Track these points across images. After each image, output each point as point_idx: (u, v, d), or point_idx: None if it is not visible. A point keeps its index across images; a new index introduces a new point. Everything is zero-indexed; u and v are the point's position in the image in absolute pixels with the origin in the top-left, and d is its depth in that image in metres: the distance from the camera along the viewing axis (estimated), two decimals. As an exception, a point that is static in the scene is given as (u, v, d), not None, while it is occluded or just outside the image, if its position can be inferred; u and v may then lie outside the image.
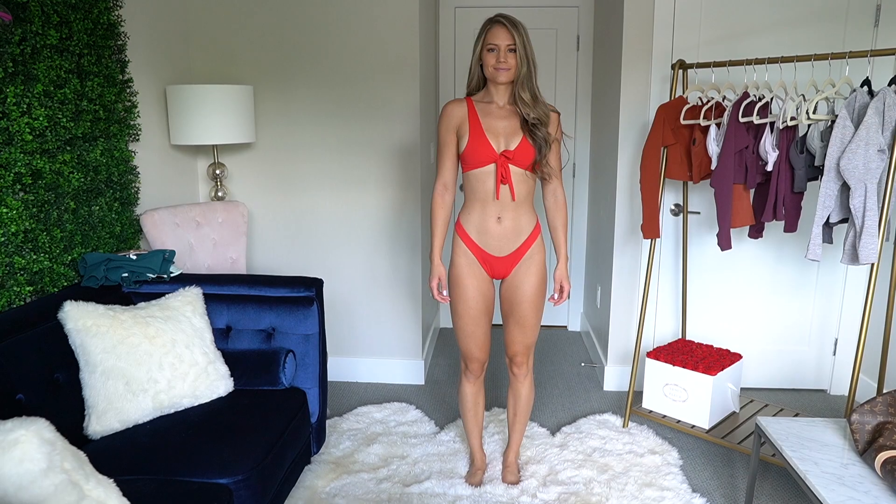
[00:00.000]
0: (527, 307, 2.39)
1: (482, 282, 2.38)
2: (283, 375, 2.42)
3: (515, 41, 2.18)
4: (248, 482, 1.90)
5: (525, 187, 2.32)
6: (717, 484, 2.63)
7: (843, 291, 3.37)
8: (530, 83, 2.24)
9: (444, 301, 2.45)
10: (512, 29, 2.18)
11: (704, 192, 3.29)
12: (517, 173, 2.28)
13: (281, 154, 3.44)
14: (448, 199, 2.41)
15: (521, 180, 2.29)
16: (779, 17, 3.12)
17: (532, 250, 2.37)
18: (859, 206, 2.29)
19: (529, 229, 2.36)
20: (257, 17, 3.31)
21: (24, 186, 2.16)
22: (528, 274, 2.37)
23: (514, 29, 2.19)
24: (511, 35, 2.18)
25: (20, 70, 2.13)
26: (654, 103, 3.22)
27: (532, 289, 2.38)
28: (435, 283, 2.42)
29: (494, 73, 2.22)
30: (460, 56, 4.22)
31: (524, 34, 2.21)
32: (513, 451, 2.65)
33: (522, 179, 2.30)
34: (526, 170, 2.29)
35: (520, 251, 2.35)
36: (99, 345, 2.05)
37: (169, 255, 2.59)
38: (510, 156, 2.25)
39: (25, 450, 1.36)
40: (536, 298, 2.40)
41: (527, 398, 2.57)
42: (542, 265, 2.39)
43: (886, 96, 2.24)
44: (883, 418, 1.97)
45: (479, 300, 2.38)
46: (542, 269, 2.39)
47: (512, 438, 2.64)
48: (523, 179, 2.30)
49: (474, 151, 2.26)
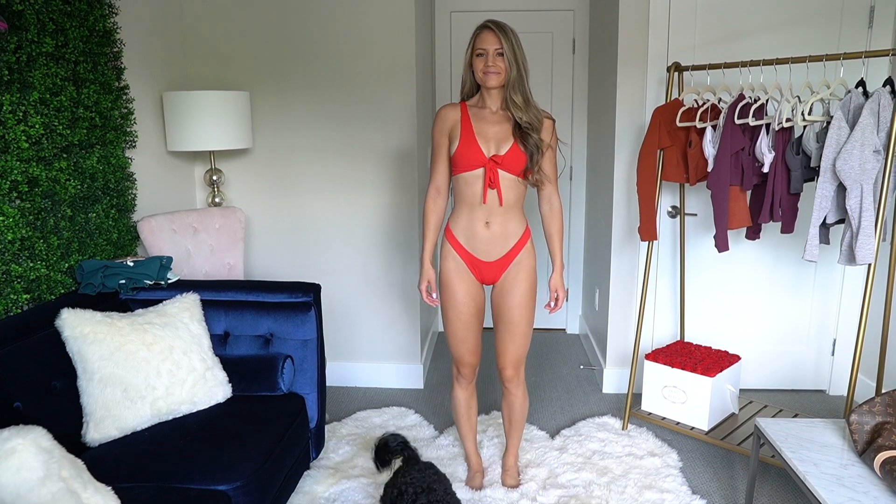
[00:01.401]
0: (516, 313, 2.37)
1: (471, 286, 2.38)
2: (281, 381, 2.42)
3: (503, 45, 2.19)
4: (246, 488, 1.90)
5: (514, 193, 2.30)
6: (717, 485, 2.63)
7: (840, 292, 3.37)
8: (521, 87, 2.24)
9: (434, 304, 2.46)
10: (500, 33, 2.19)
11: (701, 194, 3.29)
12: (507, 178, 2.27)
13: (278, 159, 3.44)
14: (441, 203, 2.42)
15: (510, 186, 2.28)
16: (773, 19, 3.13)
17: (521, 256, 2.35)
18: (855, 206, 2.29)
19: (518, 235, 2.35)
20: (253, 22, 3.31)
21: (20, 194, 2.16)
22: (518, 280, 2.36)
23: (502, 33, 2.19)
24: (499, 39, 2.19)
25: (16, 78, 2.13)
26: (650, 106, 3.23)
27: (521, 295, 2.36)
28: (424, 286, 2.42)
29: (484, 77, 2.23)
30: (456, 60, 4.23)
31: (513, 38, 2.21)
32: (511, 455, 2.64)
33: (512, 185, 2.29)
34: (517, 175, 2.29)
35: (508, 256, 2.34)
36: (96, 352, 2.05)
37: (166, 261, 2.58)
38: (499, 160, 2.25)
39: (23, 458, 1.36)
40: (525, 305, 2.37)
41: (521, 407, 2.55)
42: (531, 271, 2.37)
43: (881, 97, 2.25)
44: (882, 418, 1.97)
45: (469, 304, 2.38)
46: (531, 275, 2.37)
47: (510, 443, 2.63)
48: (513, 185, 2.29)
49: (464, 155, 2.26)
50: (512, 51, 2.20)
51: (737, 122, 2.61)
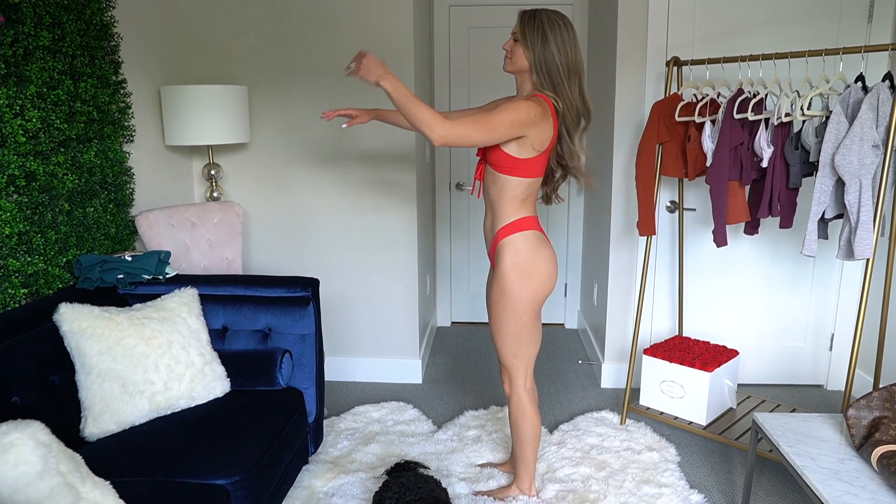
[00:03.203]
0: (490, 314, 2.31)
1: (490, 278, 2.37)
2: (279, 376, 2.42)
3: (520, 30, 2.10)
4: (245, 483, 1.90)
5: (495, 187, 2.20)
6: (715, 480, 2.63)
7: (838, 287, 3.38)
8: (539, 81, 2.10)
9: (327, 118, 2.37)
10: (522, 18, 2.10)
11: (700, 188, 3.29)
12: (490, 172, 2.22)
13: (276, 154, 3.44)
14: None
15: (491, 179, 2.22)
16: (773, 13, 3.12)
17: (497, 254, 2.23)
18: (854, 201, 2.29)
19: (495, 231, 2.25)
20: (251, 16, 3.30)
21: (17, 188, 2.15)
22: (493, 280, 2.27)
23: (527, 19, 2.09)
24: (518, 23, 2.11)
25: (13, 72, 2.12)
26: (649, 101, 3.22)
27: (493, 296, 2.27)
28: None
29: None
30: (455, 54, 4.22)
31: (541, 28, 2.06)
32: (509, 464, 2.66)
33: (493, 178, 2.20)
34: (495, 169, 2.18)
35: (491, 252, 2.31)
36: (95, 347, 2.05)
37: (164, 256, 2.58)
38: (480, 154, 2.25)
39: (20, 453, 1.36)
40: (493, 306, 2.26)
41: (513, 420, 2.40)
42: (503, 274, 2.20)
43: (880, 92, 2.25)
44: (879, 413, 1.98)
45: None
46: (502, 277, 2.20)
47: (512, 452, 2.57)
48: (493, 178, 2.20)
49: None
50: (524, 37, 2.08)
51: (736, 116, 2.61)
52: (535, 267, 2.20)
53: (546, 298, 2.29)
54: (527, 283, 2.20)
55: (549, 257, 2.24)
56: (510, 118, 2.01)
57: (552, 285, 2.26)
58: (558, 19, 2.09)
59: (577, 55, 2.13)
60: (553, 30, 2.07)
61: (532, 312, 2.25)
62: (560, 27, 2.08)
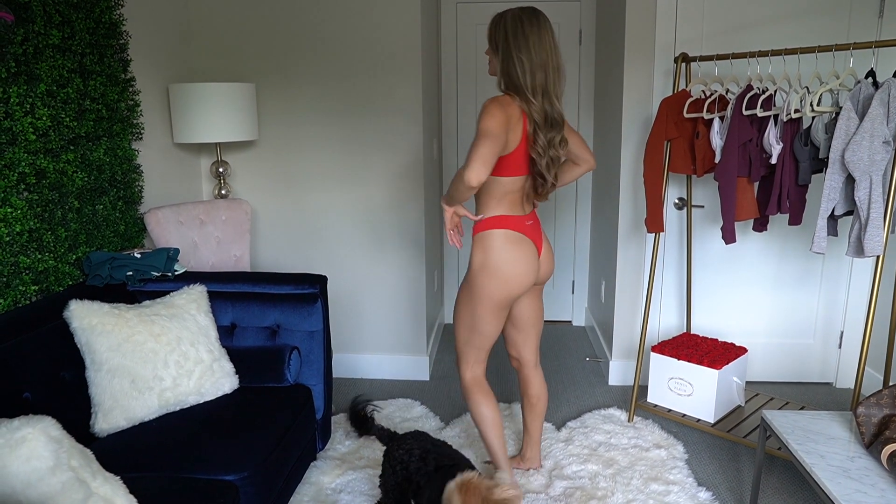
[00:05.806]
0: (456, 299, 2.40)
1: None
2: (287, 372, 2.43)
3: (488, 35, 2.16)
4: (253, 479, 1.91)
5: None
6: (723, 478, 2.63)
7: (848, 284, 3.36)
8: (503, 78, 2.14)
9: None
10: (489, 24, 2.16)
11: (708, 185, 3.28)
12: None
13: (284, 151, 3.44)
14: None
15: None
16: (782, 8, 3.10)
17: (472, 248, 2.27)
18: (864, 198, 2.28)
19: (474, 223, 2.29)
20: (258, 14, 3.31)
21: (28, 186, 2.17)
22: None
23: (489, 25, 2.14)
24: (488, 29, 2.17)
25: (23, 70, 2.14)
26: (658, 97, 3.21)
27: (461, 284, 2.37)
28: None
29: None
30: (462, 51, 4.22)
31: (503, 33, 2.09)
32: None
33: None
34: None
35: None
36: (104, 343, 2.06)
37: (173, 253, 2.59)
38: None
39: (33, 448, 1.37)
40: (459, 295, 2.33)
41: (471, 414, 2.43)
42: (471, 268, 2.25)
43: (891, 87, 2.23)
44: (889, 411, 1.97)
45: None
46: (470, 271, 2.25)
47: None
48: None
49: None
50: (490, 44, 2.15)
51: (745, 113, 2.59)
52: (502, 267, 2.20)
53: (513, 298, 2.27)
54: (489, 282, 2.21)
55: (519, 258, 2.22)
56: (484, 128, 2.00)
57: (518, 286, 2.24)
58: (524, 19, 2.07)
59: (544, 53, 2.08)
60: (516, 34, 2.07)
61: (490, 309, 2.25)
62: (522, 28, 2.07)
